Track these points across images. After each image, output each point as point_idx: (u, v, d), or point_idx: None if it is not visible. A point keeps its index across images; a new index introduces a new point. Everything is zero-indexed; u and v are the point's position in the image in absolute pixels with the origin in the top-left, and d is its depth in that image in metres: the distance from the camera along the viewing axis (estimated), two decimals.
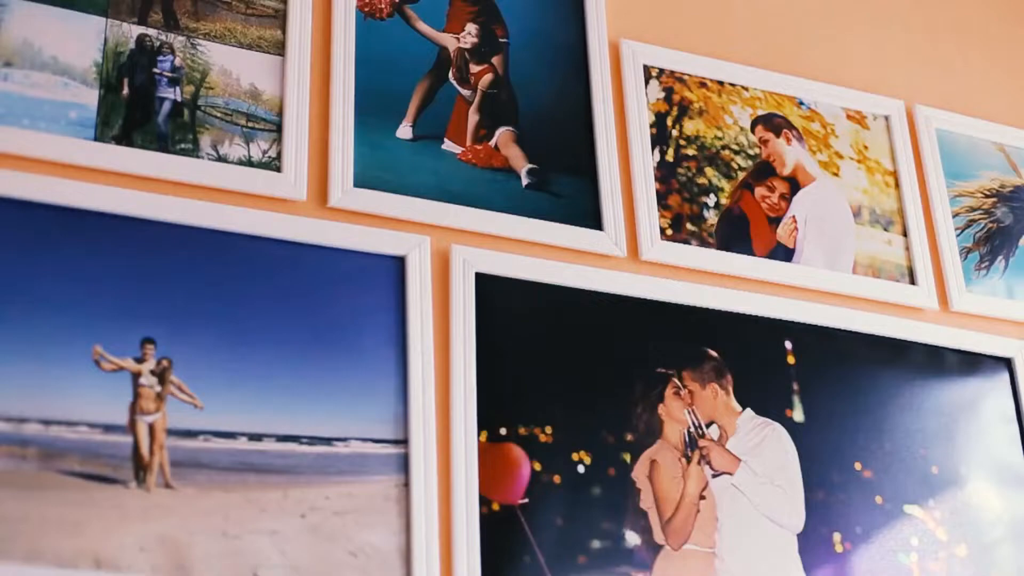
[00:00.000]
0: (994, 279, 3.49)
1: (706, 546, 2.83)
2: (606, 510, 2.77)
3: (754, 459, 2.95)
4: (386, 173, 2.88)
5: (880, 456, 3.10)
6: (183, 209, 2.65)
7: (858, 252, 3.32)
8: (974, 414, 3.29)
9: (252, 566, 2.42)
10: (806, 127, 3.42)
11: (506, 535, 2.66)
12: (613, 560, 2.74)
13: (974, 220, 3.56)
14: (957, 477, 3.18)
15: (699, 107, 3.30)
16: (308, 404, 2.59)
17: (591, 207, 3.05)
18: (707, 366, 2.99)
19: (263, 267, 2.68)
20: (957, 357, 3.33)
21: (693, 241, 3.12)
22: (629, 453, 2.84)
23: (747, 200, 3.25)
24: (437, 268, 2.83)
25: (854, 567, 2.96)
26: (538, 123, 3.11)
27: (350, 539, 2.52)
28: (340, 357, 2.66)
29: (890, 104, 3.57)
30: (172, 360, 2.52)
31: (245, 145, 2.78)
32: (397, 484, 2.60)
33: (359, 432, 2.61)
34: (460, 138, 3.02)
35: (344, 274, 2.74)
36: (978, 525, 3.15)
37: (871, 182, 3.44)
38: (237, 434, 2.52)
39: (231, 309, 2.61)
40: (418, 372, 2.70)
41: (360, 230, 2.79)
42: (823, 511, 2.98)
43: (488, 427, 2.73)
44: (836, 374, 3.14)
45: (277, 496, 2.50)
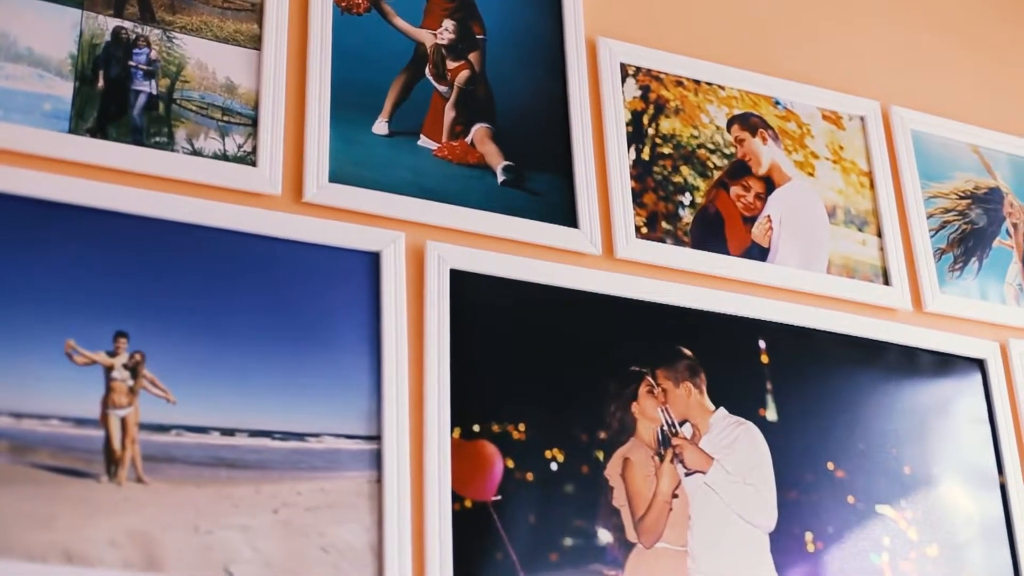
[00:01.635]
0: (967, 280, 3.50)
1: (678, 544, 2.83)
2: (579, 508, 2.77)
3: (727, 458, 2.95)
4: (361, 169, 2.87)
5: (853, 456, 3.11)
6: (157, 203, 2.64)
7: (832, 252, 3.33)
8: (947, 415, 3.29)
9: (224, 561, 2.42)
10: (782, 127, 3.42)
11: (478, 532, 2.66)
12: (585, 558, 2.74)
13: (948, 221, 3.56)
14: (929, 477, 3.19)
15: (675, 106, 3.30)
16: (281, 399, 2.59)
17: (566, 204, 3.05)
18: (681, 365, 2.99)
19: (237, 262, 2.67)
20: (930, 358, 3.33)
21: (668, 240, 3.12)
22: (602, 451, 2.84)
23: (722, 199, 3.25)
24: (412, 264, 2.83)
25: (826, 566, 2.97)
26: (514, 120, 3.11)
27: (322, 535, 2.51)
28: (314, 353, 2.65)
29: (866, 105, 3.58)
30: (145, 354, 2.51)
31: (220, 139, 2.77)
32: (370, 480, 2.60)
33: (332, 428, 2.61)
34: (436, 134, 3.02)
35: (318, 269, 2.74)
36: (949, 525, 3.16)
37: (846, 182, 3.45)
38: (209, 429, 2.51)
39: (205, 303, 2.61)
40: (392, 368, 2.69)
41: (335, 225, 2.78)
42: (795, 510, 2.98)
43: (461, 424, 2.72)
44: (810, 374, 3.15)
45: (249, 491, 2.49)
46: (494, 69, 3.14)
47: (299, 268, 2.72)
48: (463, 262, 2.86)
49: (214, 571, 2.40)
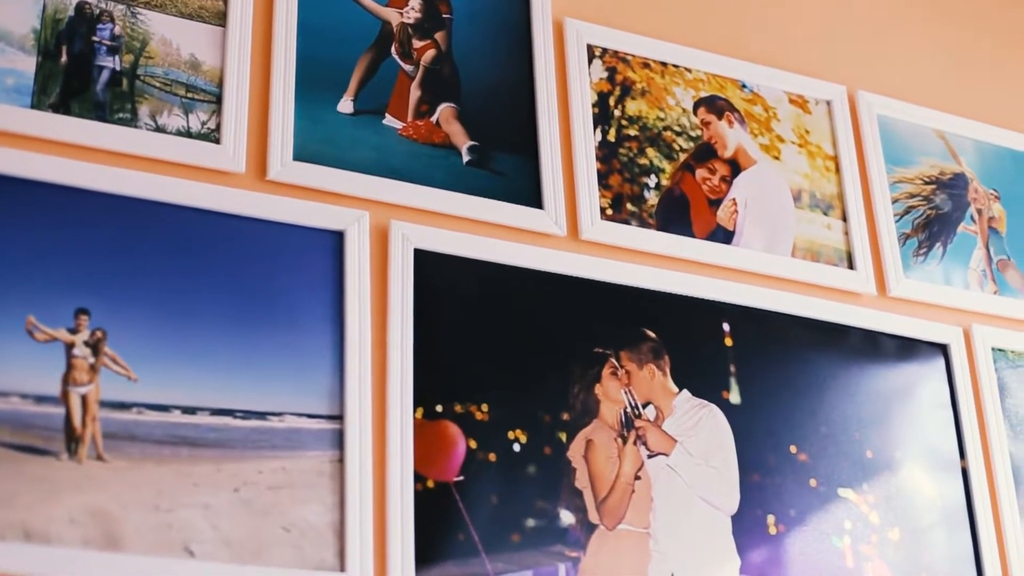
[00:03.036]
0: (932, 265, 3.51)
1: (640, 526, 2.83)
2: (541, 489, 2.77)
3: (690, 440, 2.95)
4: (326, 147, 2.86)
5: (815, 439, 3.11)
6: (120, 179, 2.63)
7: (797, 236, 3.33)
8: (909, 399, 3.30)
9: (184, 540, 2.41)
10: (748, 110, 3.42)
11: (440, 512, 2.65)
12: (547, 539, 2.74)
13: (913, 206, 3.57)
14: (891, 461, 3.20)
15: (642, 88, 3.29)
16: (243, 378, 2.58)
17: (532, 185, 3.04)
18: (645, 347, 2.99)
19: (200, 239, 2.66)
20: (894, 342, 3.34)
21: (633, 221, 3.12)
22: (565, 432, 2.84)
23: (688, 182, 3.25)
24: (376, 244, 2.82)
25: (787, 549, 2.97)
26: (480, 100, 3.10)
27: (283, 514, 2.51)
28: (276, 331, 2.64)
29: (832, 89, 3.58)
30: (106, 331, 2.50)
31: (184, 116, 2.76)
32: (332, 460, 2.59)
33: (294, 407, 2.60)
34: (401, 113, 3.01)
35: (282, 248, 2.73)
36: (911, 509, 3.17)
37: (812, 166, 3.45)
38: (171, 407, 2.50)
39: (167, 281, 2.59)
40: (355, 348, 2.68)
41: (299, 204, 2.77)
42: (758, 493, 2.99)
43: (424, 404, 2.72)
44: (773, 357, 3.15)
45: (210, 470, 2.48)
46: (460, 49, 3.13)
47: (263, 246, 2.71)
48: (427, 242, 2.85)
49: (174, 549, 2.39)
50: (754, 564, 2.93)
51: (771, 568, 2.94)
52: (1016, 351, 3.50)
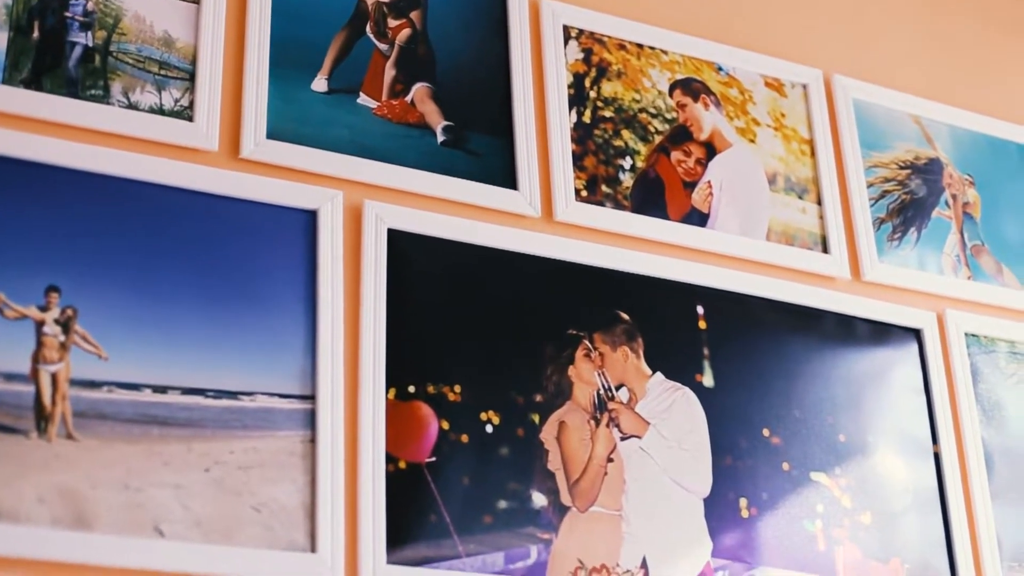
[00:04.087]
0: (906, 250, 3.51)
1: (613, 508, 2.83)
2: (513, 471, 2.77)
3: (663, 423, 2.95)
4: (300, 126, 2.85)
5: (788, 423, 3.12)
6: (92, 156, 2.61)
7: (772, 219, 3.33)
8: (883, 384, 3.30)
9: (154, 519, 2.40)
10: (724, 93, 3.41)
11: (412, 493, 2.65)
12: (519, 521, 2.74)
13: (888, 191, 3.57)
14: (864, 446, 3.20)
15: (618, 69, 3.29)
16: (214, 357, 2.56)
17: (506, 166, 3.03)
18: (618, 329, 2.99)
19: (172, 217, 2.64)
20: (867, 327, 3.34)
21: (608, 203, 3.12)
22: (538, 414, 2.84)
23: (663, 164, 3.24)
24: (349, 223, 2.81)
25: (759, 532, 2.98)
26: (455, 80, 3.09)
27: (254, 494, 2.50)
28: (248, 310, 2.63)
29: (808, 73, 3.57)
30: (77, 309, 2.49)
31: (157, 93, 2.74)
32: (303, 440, 2.58)
33: (266, 386, 2.59)
34: (376, 93, 3.00)
35: (255, 227, 2.71)
36: (883, 494, 3.17)
37: (787, 150, 3.44)
38: (141, 386, 2.49)
39: (139, 259, 2.58)
40: (327, 327, 2.68)
41: (272, 183, 2.76)
42: (730, 476, 2.99)
43: (397, 384, 2.71)
44: (747, 340, 3.15)
45: (181, 449, 2.47)
46: (436, 28, 3.12)
47: (235, 225, 2.70)
48: (401, 222, 2.84)
49: (144, 529, 2.38)
50: (726, 547, 2.93)
51: (743, 551, 2.94)
52: (989, 337, 3.51)
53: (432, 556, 2.62)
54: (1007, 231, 3.72)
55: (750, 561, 2.95)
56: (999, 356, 3.52)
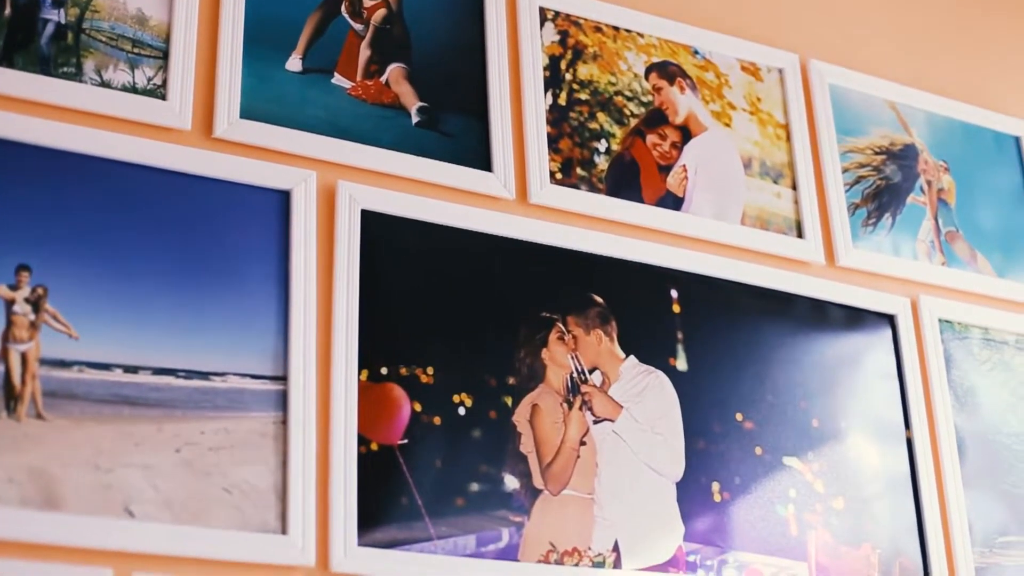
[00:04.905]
0: (881, 236, 3.51)
1: (585, 492, 2.83)
2: (486, 453, 2.76)
3: (636, 406, 2.95)
4: (274, 105, 2.83)
5: (761, 407, 3.12)
6: (63, 134, 2.60)
7: (747, 204, 3.32)
8: (856, 369, 3.31)
9: (124, 500, 2.39)
10: (700, 76, 3.41)
11: (384, 475, 2.64)
12: (491, 503, 2.73)
13: (863, 176, 3.57)
14: (837, 431, 3.20)
15: (593, 52, 3.28)
16: (186, 337, 2.55)
17: (481, 148, 3.02)
18: (592, 312, 2.98)
19: (145, 196, 2.63)
20: (841, 312, 3.34)
21: (582, 186, 3.11)
22: (511, 396, 2.83)
23: (638, 147, 3.24)
24: (323, 204, 2.80)
25: (732, 517, 2.98)
26: (431, 61, 3.08)
27: (225, 475, 2.49)
28: (220, 291, 2.62)
29: (785, 57, 3.57)
30: (47, 288, 2.47)
31: (130, 71, 2.73)
32: (275, 421, 2.57)
33: (237, 367, 2.58)
34: (350, 73, 2.98)
35: (228, 206, 2.70)
36: (855, 479, 3.17)
37: (763, 134, 3.44)
38: (112, 366, 2.48)
39: (110, 238, 2.57)
40: (300, 308, 2.67)
41: (245, 162, 2.74)
42: (703, 460, 2.99)
43: (369, 366, 2.70)
44: (721, 324, 3.15)
45: (152, 430, 2.46)
46: (411, 8, 3.10)
47: (208, 205, 2.69)
48: (375, 203, 2.83)
49: (114, 509, 2.37)
50: (698, 531, 2.93)
51: (715, 535, 2.95)
52: (963, 323, 3.52)
53: (403, 538, 2.62)
54: (981, 218, 3.72)
55: (722, 545, 2.95)
56: (972, 342, 3.52)
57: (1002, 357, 3.56)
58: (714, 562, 2.93)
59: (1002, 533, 3.33)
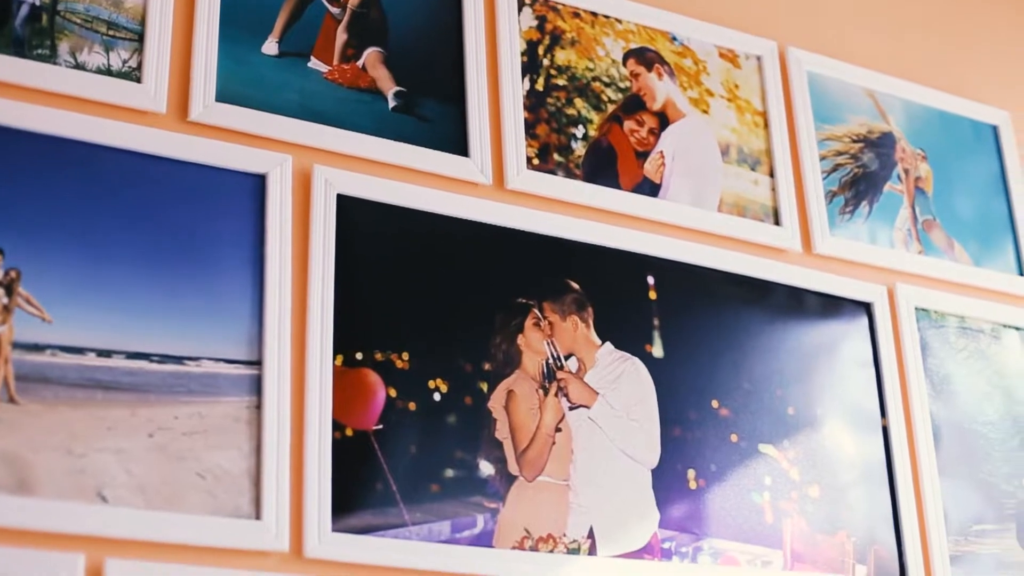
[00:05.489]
0: (858, 224, 3.51)
1: (560, 478, 2.82)
2: (461, 439, 2.76)
3: (612, 393, 2.94)
4: (249, 89, 2.82)
5: (737, 395, 3.12)
6: (37, 117, 2.58)
7: (724, 190, 3.32)
8: (832, 357, 3.31)
9: (97, 485, 2.37)
10: (678, 63, 3.40)
11: (358, 461, 2.63)
12: (466, 489, 2.73)
13: (841, 164, 3.57)
14: (813, 419, 3.20)
15: (571, 37, 3.27)
16: (160, 321, 2.54)
17: (458, 133, 3.01)
18: (568, 298, 2.98)
19: (119, 180, 2.62)
20: (818, 300, 3.34)
21: (560, 172, 3.10)
22: (486, 382, 2.83)
23: (616, 133, 3.23)
24: (298, 188, 2.79)
25: (707, 504, 2.98)
26: (408, 45, 3.07)
27: (199, 460, 2.48)
28: (195, 275, 2.61)
29: (763, 44, 3.56)
30: (20, 271, 2.46)
31: (105, 54, 2.71)
32: (249, 406, 2.56)
33: (211, 352, 2.57)
34: (327, 57, 2.97)
35: (203, 190, 2.69)
36: (831, 466, 3.18)
37: (740, 121, 3.44)
38: (86, 350, 2.46)
39: (84, 221, 2.55)
40: (275, 293, 2.65)
41: (220, 146, 2.73)
42: (679, 447, 2.99)
43: (344, 351, 2.69)
44: (697, 311, 3.15)
45: (125, 414, 2.45)
46: None
47: (183, 188, 2.67)
48: (350, 187, 2.82)
49: (86, 494, 2.36)
50: (674, 518, 2.93)
51: (690, 522, 2.95)
52: (939, 311, 3.52)
53: (378, 524, 2.61)
54: (959, 206, 3.73)
55: (697, 532, 2.95)
56: (949, 331, 3.53)
57: (978, 345, 3.56)
58: (689, 549, 2.93)
59: (977, 521, 3.33)
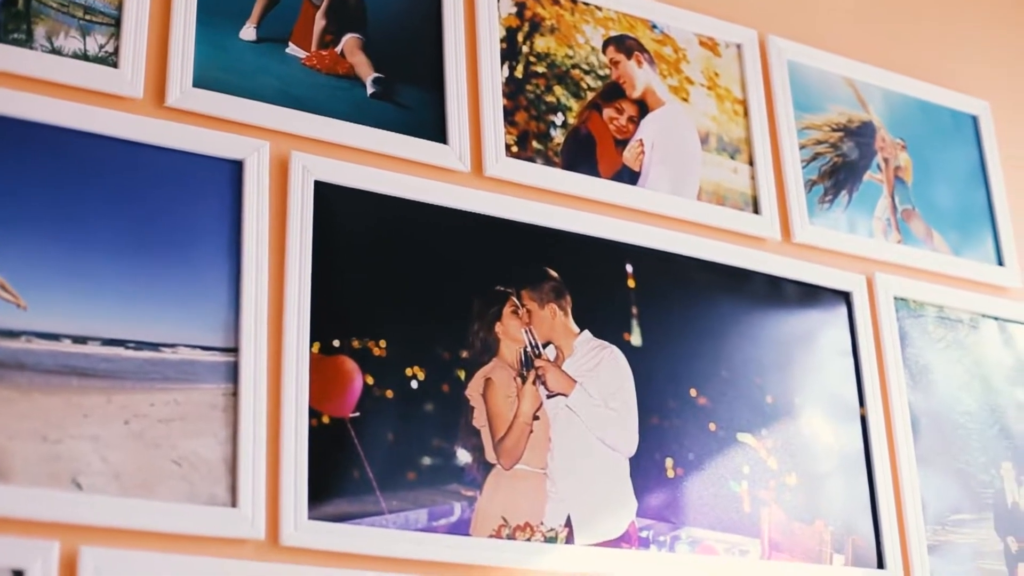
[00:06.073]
0: (837, 213, 3.51)
1: (537, 466, 2.82)
2: (438, 427, 2.75)
3: (590, 381, 2.94)
4: (227, 74, 2.81)
5: (716, 383, 3.11)
6: (13, 102, 2.56)
7: (704, 179, 3.32)
8: (811, 346, 3.31)
9: (72, 472, 2.36)
10: (658, 51, 3.40)
11: (335, 448, 2.63)
12: (443, 478, 2.72)
13: (820, 153, 3.57)
14: (791, 408, 3.20)
15: (551, 24, 3.26)
16: (136, 308, 2.53)
17: (436, 120, 3.00)
18: (546, 286, 2.97)
19: (96, 165, 2.60)
20: (797, 289, 3.34)
21: (538, 159, 3.09)
22: (464, 370, 2.82)
23: (595, 121, 3.23)
24: (275, 174, 2.77)
25: (685, 492, 2.97)
26: (386, 32, 3.06)
27: (174, 447, 2.47)
28: (172, 261, 2.60)
29: (743, 33, 3.56)
30: None
31: (81, 38, 2.69)
32: (225, 393, 2.55)
33: (188, 338, 2.55)
34: (305, 42, 2.96)
35: (180, 176, 2.67)
36: (809, 455, 3.18)
37: (720, 110, 3.43)
38: (61, 336, 2.45)
39: (61, 207, 2.54)
40: (251, 279, 2.64)
41: (197, 132, 2.72)
42: (657, 436, 2.98)
43: (321, 338, 2.69)
44: (676, 300, 3.14)
45: (100, 401, 2.44)
46: None
47: (160, 174, 2.66)
48: (328, 174, 2.81)
49: (61, 481, 2.35)
50: (651, 507, 2.92)
51: (668, 511, 2.94)
52: (918, 301, 3.52)
53: (354, 512, 2.60)
54: (938, 196, 3.73)
55: (675, 521, 2.95)
56: (927, 320, 3.53)
57: (957, 335, 3.56)
58: (667, 538, 2.92)
59: (955, 511, 3.34)
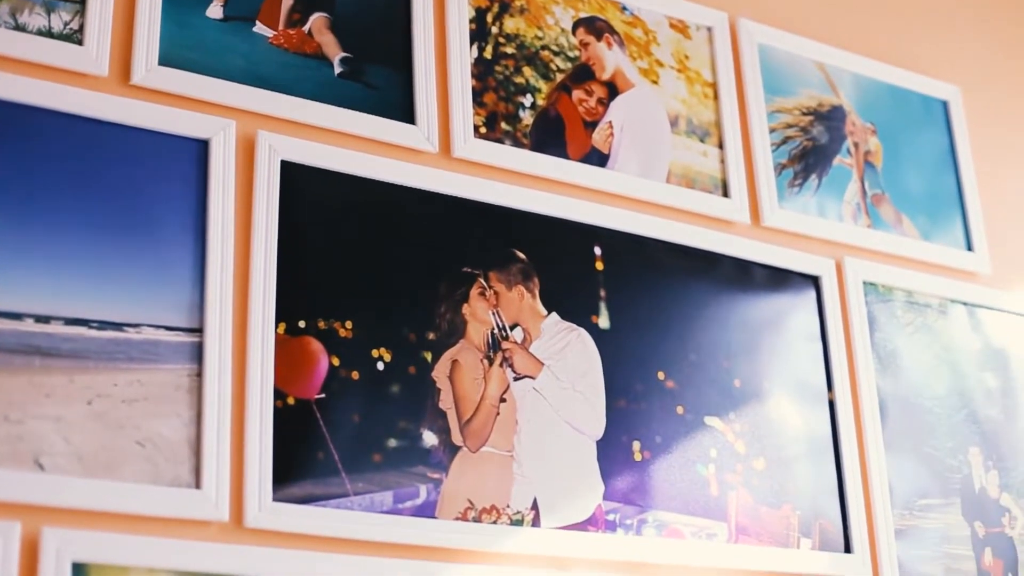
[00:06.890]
0: (807, 197, 3.51)
1: (504, 449, 2.81)
2: (404, 409, 2.74)
3: (557, 364, 2.93)
4: (193, 53, 2.79)
5: (684, 367, 3.11)
6: None
7: (673, 162, 3.31)
8: (779, 330, 3.31)
9: (34, 452, 2.35)
10: (628, 33, 3.38)
11: (300, 430, 2.61)
12: (409, 459, 2.71)
13: (790, 137, 3.57)
14: (759, 391, 3.20)
15: (520, 5, 3.25)
16: (100, 287, 2.51)
17: (404, 100, 2.99)
18: (514, 268, 2.96)
19: (59, 144, 2.58)
20: (766, 272, 3.34)
21: (507, 141, 3.08)
22: (430, 352, 2.81)
23: (564, 103, 3.22)
24: (242, 154, 2.76)
25: (652, 476, 2.97)
26: (354, 11, 3.04)
27: (138, 428, 2.45)
28: (136, 240, 2.58)
29: (713, 16, 3.55)
30: None
31: (46, 15, 2.67)
32: (190, 374, 2.54)
33: (152, 319, 2.54)
34: (273, 21, 2.94)
35: (144, 155, 2.66)
36: (777, 439, 3.18)
37: (690, 92, 3.43)
38: (24, 315, 2.43)
39: (23, 185, 2.51)
40: (217, 259, 2.63)
41: (163, 110, 2.70)
42: (624, 419, 2.98)
43: (287, 319, 2.67)
44: (644, 283, 3.14)
45: (63, 381, 2.42)
46: None
47: (124, 153, 2.64)
48: (295, 154, 2.80)
49: (23, 462, 2.33)
50: (618, 490, 2.92)
51: (635, 494, 2.94)
52: (887, 285, 3.52)
53: (319, 494, 2.59)
54: (908, 180, 3.73)
55: (642, 504, 2.94)
56: (896, 305, 3.53)
57: (925, 320, 3.57)
58: (634, 521, 2.92)
59: (922, 495, 3.34)
